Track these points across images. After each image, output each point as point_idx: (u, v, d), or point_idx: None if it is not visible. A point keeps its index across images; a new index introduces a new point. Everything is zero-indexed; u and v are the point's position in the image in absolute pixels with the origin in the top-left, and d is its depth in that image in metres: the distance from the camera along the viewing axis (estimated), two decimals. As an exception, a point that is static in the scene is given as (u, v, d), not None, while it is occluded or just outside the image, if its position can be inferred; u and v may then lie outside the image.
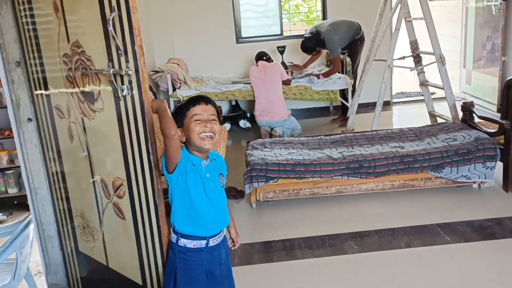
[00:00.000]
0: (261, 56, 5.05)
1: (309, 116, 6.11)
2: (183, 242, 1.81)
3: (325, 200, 3.50)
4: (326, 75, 5.31)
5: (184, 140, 1.83)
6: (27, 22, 2.23)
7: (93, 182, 2.16)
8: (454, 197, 3.41)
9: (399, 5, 4.40)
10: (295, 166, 3.36)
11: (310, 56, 5.51)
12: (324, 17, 6.04)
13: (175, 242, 1.83)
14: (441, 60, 4.28)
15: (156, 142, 1.90)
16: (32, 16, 2.20)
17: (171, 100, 5.32)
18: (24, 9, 2.21)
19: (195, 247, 1.81)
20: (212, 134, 1.77)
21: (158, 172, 1.86)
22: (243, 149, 4.42)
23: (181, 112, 1.81)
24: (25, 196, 2.71)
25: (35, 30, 2.22)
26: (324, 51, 5.59)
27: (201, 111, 1.78)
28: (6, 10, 2.25)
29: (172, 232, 1.86)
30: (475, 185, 3.50)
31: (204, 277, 1.83)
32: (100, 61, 1.85)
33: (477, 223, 3.00)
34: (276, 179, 3.36)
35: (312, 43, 5.25)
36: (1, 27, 2.26)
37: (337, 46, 5.15)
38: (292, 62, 5.67)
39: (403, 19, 4.42)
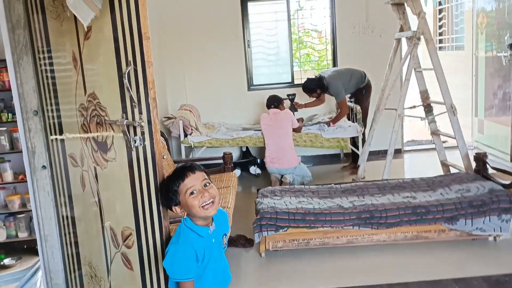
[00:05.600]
0: (270, 105, 5.01)
1: (319, 163, 6.10)
2: None
3: (336, 250, 3.43)
4: (335, 120, 5.35)
5: (185, 215, 1.79)
6: (46, 70, 2.28)
7: (102, 230, 2.15)
8: (469, 250, 3.32)
9: (409, 56, 4.46)
10: (305, 215, 3.32)
11: (313, 99, 5.56)
12: (335, 65, 6.13)
13: None
14: (452, 110, 4.28)
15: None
16: (51, 64, 2.26)
17: (183, 146, 5.37)
18: (44, 58, 2.27)
19: None
20: (213, 199, 1.73)
21: (167, 223, 1.86)
22: (253, 195, 4.40)
23: (171, 189, 1.76)
24: (35, 240, 2.70)
25: (53, 78, 2.27)
26: (329, 98, 5.62)
27: (192, 182, 1.73)
28: (27, 61, 2.31)
29: None
30: (490, 238, 3.42)
31: None
32: (115, 112, 1.90)
33: (494, 278, 2.91)
34: (286, 228, 3.32)
35: (313, 84, 5.32)
36: (21, 77, 2.31)
37: (341, 90, 5.20)
38: (296, 102, 5.68)
39: (413, 69, 4.48)
